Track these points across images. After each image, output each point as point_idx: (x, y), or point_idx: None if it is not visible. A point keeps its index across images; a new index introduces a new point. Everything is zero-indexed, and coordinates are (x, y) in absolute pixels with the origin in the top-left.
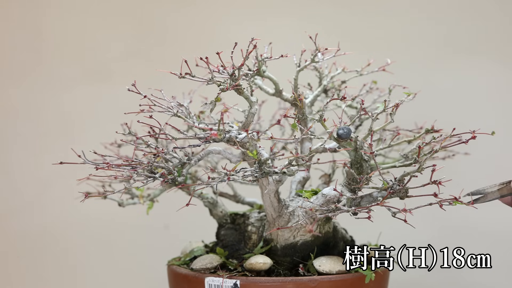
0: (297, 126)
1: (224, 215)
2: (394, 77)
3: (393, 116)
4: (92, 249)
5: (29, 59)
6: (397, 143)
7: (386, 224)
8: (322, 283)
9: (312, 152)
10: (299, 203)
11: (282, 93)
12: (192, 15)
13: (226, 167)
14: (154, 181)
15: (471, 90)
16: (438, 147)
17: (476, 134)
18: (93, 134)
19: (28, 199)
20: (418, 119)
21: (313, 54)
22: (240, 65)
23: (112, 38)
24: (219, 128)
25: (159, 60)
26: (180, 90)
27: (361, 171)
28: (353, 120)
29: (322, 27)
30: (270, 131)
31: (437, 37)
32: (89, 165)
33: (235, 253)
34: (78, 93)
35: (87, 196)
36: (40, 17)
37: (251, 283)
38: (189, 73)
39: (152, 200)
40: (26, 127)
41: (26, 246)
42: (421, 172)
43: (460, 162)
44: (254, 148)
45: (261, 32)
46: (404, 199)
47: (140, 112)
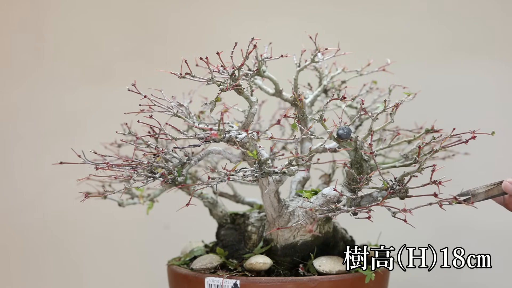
0: (297, 126)
1: (224, 215)
2: (394, 77)
3: (393, 116)
4: (92, 249)
5: (30, 60)
6: (397, 143)
7: (386, 224)
8: (322, 283)
9: (312, 152)
10: (299, 203)
11: (282, 93)
12: (192, 15)
13: (226, 167)
14: (154, 181)
15: (471, 90)
16: (438, 147)
17: (476, 134)
18: (93, 134)
19: (29, 199)
20: (418, 119)
21: (313, 54)
22: (240, 65)
23: (112, 38)
24: (219, 128)
25: (159, 60)
26: (180, 90)
27: (361, 171)
28: (353, 120)
29: (322, 27)
30: (270, 131)
31: (437, 37)
32: (89, 165)
33: (235, 253)
34: (78, 93)
35: (87, 196)
36: (41, 17)
37: (251, 283)
38: (189, 73)
39: (152, 200)
40: (26, 127)
41: (26, 246)
42: (421, 172)
43: (460, 162)
44: (254, 148)
45: (261, 32)
46: (404, 199)
47: (140, 112)
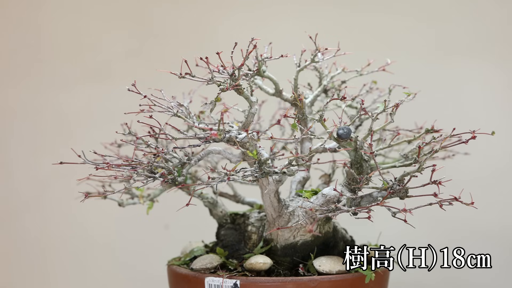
0: (297, 126)
1: (224, 215)
2: (394, 77)
3: (393, 116)
4: (92, 249)
5: (29, 59)
6: (397, 143)
7: (386, 224)
8: (322, 283)
9: (312, 152)
10: (299, 203)
11: (282, 93)
12: (192, 15)
13: (226, 167)
14: (154, 181)
15: (471, 90)
16: (438, 147)
17: (476, 134)
18: (93, 134)
19: (28, 199)
20: (418, 119)
21: (313, 54)
22: (240, 65)
23: (112, 38)
24: (219, 128)
25: (159, 60)
26: (180, 90)
27: (361, 171)
28: (353, 120)
29: (322, 27)
30: (270, 131)
31: (437, 37)
32: (89, 165)
33: (235, 253)
34: (78, 93)
35: (87, 196)
36: (39, 17)
37: (251, 283)
38: (189, 73)
39: (152, 200)
40: (25, 127)
41: (25, 246)
42: (421, 172)
43: (460, 162)
44: (254, 148)
45: (261, 32)
46: (404, 199)
47: (140, 112)
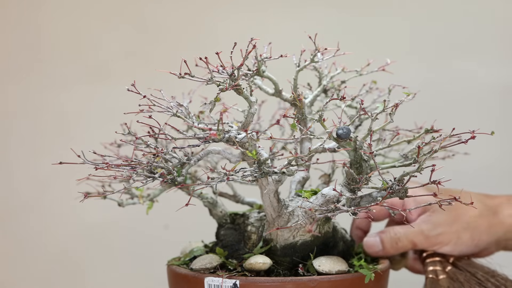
0: (296, 126)
1: (223, 215)
2: (394, 77)
3: (393, 116)
4: (92, 249)
5: (28, 59)
6: (397, 143)
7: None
8: (322, 283)
9: (311, 152)
10: (298, 203)
11: (281, 93)
12: (192, 15)
13: (225, 167)
14: (153, 181)
15: (471, 90)
16: (437, 147)
17: (476, 134)
18: (93, 134)
19: (28, 199)
20: (418, 119)
21: (313, 54)
22: (239, 65)
23: (111, 37)
24: (218, 128)
25: (159, 60)
26: (180, 90)
27: (360, 171)
28: (353, 120)
29: (322, 27)
30: (270, 131)
31: (437, 37)
32: (88, 165)
33: (235, 253)
34: (77, 92)
35: (87, 196)
36: (39, 16)
37: (251, 283)
38: (188, 73)
39: (152, 200)
40: (24, 126)
41: (25, 246)
42: (421, 172)
43: (460, 162)
44: (253, 148)
45: (260, 32)
46: (404, 199)
47: (139, 112)
